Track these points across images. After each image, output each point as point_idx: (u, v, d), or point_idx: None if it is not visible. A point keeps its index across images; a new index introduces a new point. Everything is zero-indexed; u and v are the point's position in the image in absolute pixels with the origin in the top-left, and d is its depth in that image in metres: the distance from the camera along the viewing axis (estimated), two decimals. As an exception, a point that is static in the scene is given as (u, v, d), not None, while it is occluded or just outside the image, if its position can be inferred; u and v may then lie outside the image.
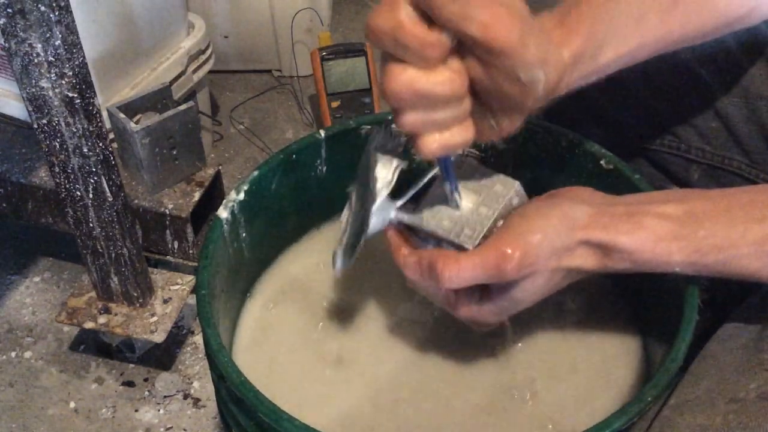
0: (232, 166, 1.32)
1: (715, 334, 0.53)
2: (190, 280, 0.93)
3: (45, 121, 0.70)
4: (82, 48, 0.67)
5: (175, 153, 0.93)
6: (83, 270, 0.90)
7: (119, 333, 0.89)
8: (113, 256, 0.83)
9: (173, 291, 0.92)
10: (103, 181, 0.75)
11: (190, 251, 0.97)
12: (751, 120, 0.64)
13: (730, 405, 0.46)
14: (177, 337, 1.02)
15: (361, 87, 1.28)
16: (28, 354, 1.01)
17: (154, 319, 0.89)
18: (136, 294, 0.89)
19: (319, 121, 1.36)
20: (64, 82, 0.67)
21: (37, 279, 1.11)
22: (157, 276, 0.93)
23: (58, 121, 0.70)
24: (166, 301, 0.91)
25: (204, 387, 0.97)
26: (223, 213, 0.56)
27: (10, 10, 0.62)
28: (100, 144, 0.73)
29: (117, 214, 0.79)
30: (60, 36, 0.64)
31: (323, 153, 0.63)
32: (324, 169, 0.64)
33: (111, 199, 0.77)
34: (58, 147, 0.72)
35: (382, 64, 0.43)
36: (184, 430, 0.92)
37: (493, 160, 0.66)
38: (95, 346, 1.01)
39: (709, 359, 0.51)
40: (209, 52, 1.17)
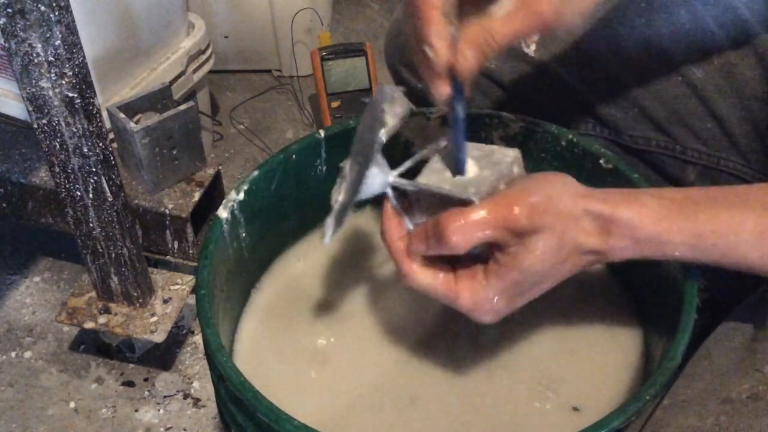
0: (232, 166, 1.32)
1: (710, 335, 0.53)
2: (190, 280, 0.93)
3: (45, 121, 0.70)
4: (82, 48, 0.67)
5: (175, 153, 0.93)
6: (83, 270, 0.90)
7: (119, 333, 0.89)
8: (113, 256, 0.83)
9: (173, 291, 0.92)
10: (103, 181, 0.75)
11: (190, 251, 0.97)
12: (746, 120, 0.64)
13: (722, 406, 0.47)
14: (177, 337, 1.02)
15: (361, 87, 1.28)
16: (28, 354, 1.01)
17: (154, 319, 0.89)
18: (136, 294, 0.89)
19: (319, 121, 1.36)
20: (64, 82, 0.67)
21: (37, 279, 1.11)
22: (157, 276, 0.93)
23: (58, 121, 0.70)
24: (166, 301, 0.91)
25: (204, 387, 0.97)
26: (223, 213, 0.56)
27: (10, 10, 0.62)
28: (100, 144, 0.73)
29: (117, 214, 0.79)
30: (60, 36, 0.64)
31: (323, 153, 0.63)
32: (324, 169, 0.64)
33: (111, 199, 0.77)
34: (58, 147, 0.72)
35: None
36: (184, 430, 0.92)
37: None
38: (95, 346, 1.01)
39: (703, 360, 0.51)
40: (209, 52, 1.17)
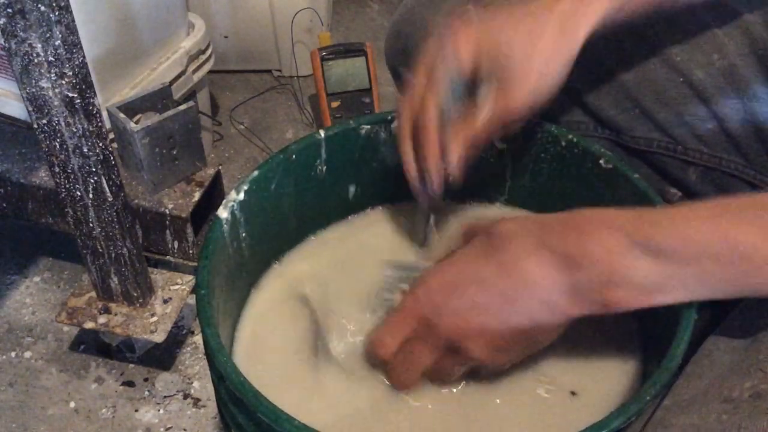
0: (232, 166, 1.32)
1: (711, 334, 0.53)
2: (190, 280, 0.93)
3: (45, 121, 0.70)
4: (82, 48, 0.67)
5: (175, 153, 0.93)
6: (83, 270, 0.90)
7: (119, 333, 0.89)
8: (113, 256, 0.83)
9: (173, 291, 0.92)
10: (103, 181, 0.75)
11: (190, 251, 0.97)
12: (747, 121, 0.64)
13: (724, 405, 0.47)
14: (177, 337, 1.02)
15: (361, 87, 1.28)
16: (28, 354, 1.01)
17: (154, 319, 0.89)
18: (136, 294, 0.89)
19: (319, 121, 1.36)
20: (64, 82, 0.67)
21: (37, 279, 1.11)
22: (157, 276, 0.93)
23: (58, 121, 0.70)
24: (166, 301, 0.91)
25: (204, 387, 0.97)
26: (223, 213, 0.56)
27: (10, 10, 0.62)
28: (100, 144, 0.73)
29: (117, 214, 0.79)
30: (60, 36, 0.64)
31: (323, 153, 0.63)
32: (324, 169, 0.64)
33: (111, 199, 0.77)
34: (58, 147, 0.72)
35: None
36: (184, 430, 0.92)
37: (492, 161, 0.66)
38: (95, 346, 1.01)
39: (704, 360, 0.51)
40: (209, 52, 1.17)
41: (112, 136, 0.93)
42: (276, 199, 0.61)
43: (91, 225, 0.80)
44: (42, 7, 0.62)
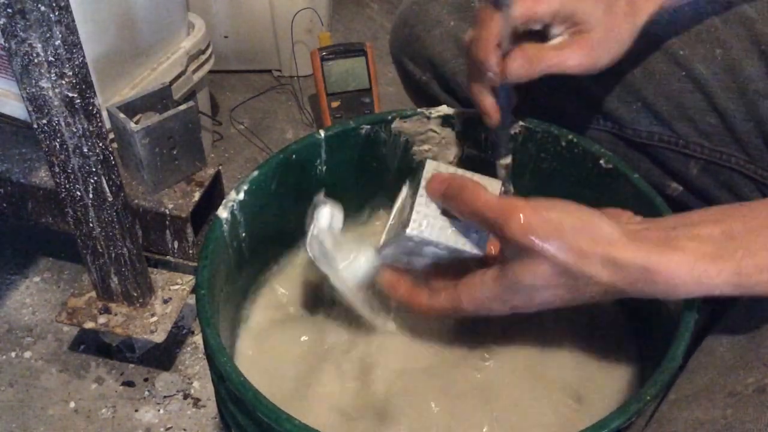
0: (232, 166, 1.32)
1: (713, 328, 0.53)
2: (190, 280, 0.93)
3: (45, 121, 0.70)
4: (82, 48, 0.67)
5: (175, 153, 0.93)
6: (83, 270, 0.90)
7: (119, 333, 0.89)
8: (113, 256, 0.83)
9: (173, 291, 0.92)
10: (103, 181, 0.75)
11: (190, 251, 0.97)
12: (749, 116, 0.64)
13: (728, 399, 0.47)
14: (177, 337, 1.02)
15: (361, 87, 1.28)
16: (28, 354, 1.01)
17: (154, 319, 0.89)
18: (136, 294, 0.89)
19: (319, 121, 1.36)
20: (64, 82, 0.67)
21: (37, 279, 1.11)
22: (157, 276, 0.93)
23: (58, 121, 0.70)
24: (166, 301, 0.91)
25: (204, 387, 0.97)
26: (223, 213, 0.56)
27: (10, 10, 0.62)
28: (100, 144, 0.73)
29: (117, 214, 0.79)
30: (60, 36, 0.64)
31: (323, 153, 0.63)
32: (324, 169, 0.64)
33: (111, 199, 0.77)
34: (58, 147, 0.72)
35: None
36: (184, 430, 0.92)
37: (492, 160, 0.66)
38: (95, 346, 1.01)
39: (707, 354, 0.51)
40: (209, 52, 1.17)
41: (112, 136, 0.92)
42: (276, 199, 0.61)
43: (91, 225, 0.80)
44: (42, 7, 0.62)
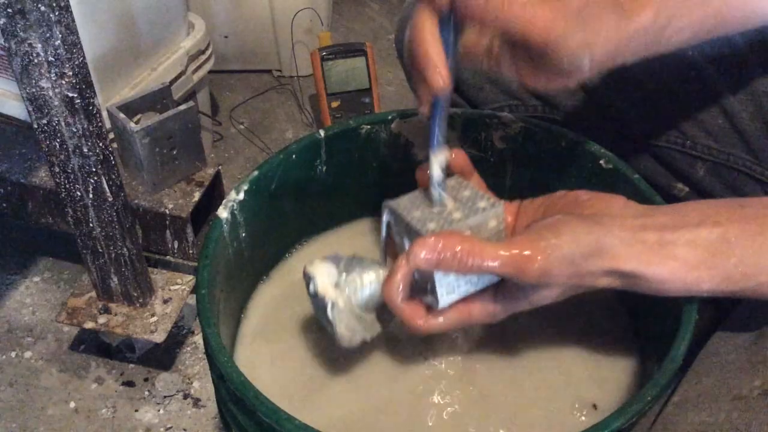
0: (232, 166, 1.32)
1: (717, 331, 0.53)
2: (190, 280, 0.93)
3: (45, 121, 0.70)
4: (82, 48, 0.67)
5: (175, 153, 0.93)
6: (83, 270, 0.90)
7: (119, 333, 0.89)
8: (113, 256, 0.83)
9: (173, 291, 0.92)
10: (103, 181, 0.75)
11: (190, 251, 0.97)
12: (756, 117, 0.64)
13: (734, 402, 0.47)
14: (177, 337, 1.02)
15: (361, 87, 1.28)
16: (28, 354, 1.01)
17: (154, 319, 0.89)
18: (136, 294, 0.89)
19: (319, 121, 1.36)
20: (64, 82, 0.67)
21: (37, 279, 1.11)
22: (157, 276, 0.93)
23: (58, 121, 0.70)
24: (166, 301, 0.91)
25: (204, 387, 0.97)
26: (223, 213, 0.56)
27: (10, 10, 0.62)
28: (100, 144, 0.73)
29: (117, 214, 0.79)
30: (60, 36, 0.64)
31: (323, 153, 0.63)
32: (324, 169, 0.64)
33: (111, 199, 0.77)
34: (58, 147, 0.72)
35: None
36: (184, 430, 0.92)
37: (492, 160, 0.66)
38: (95, 346, 1.01)
39: (711, 357, 0.51)
40: (209, 52, 1.17)
41: (112, 136, 0.93)
42: (276, 199, 0.61)
43: (91, 225, 0.80)
44: (42, 7, 0.62)
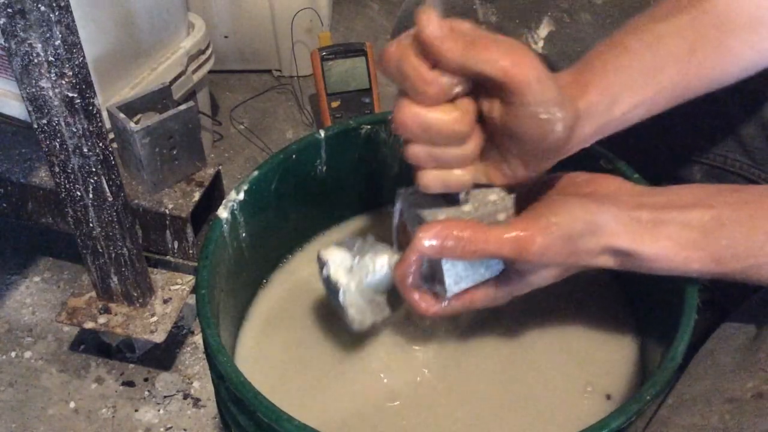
0: (232, 166, 1.32)
1: (712, 334, 0.53)
2: (190, 280, 0.93)
3: (45, 121, 0.70)
4: (82, 48, 0.67)
5: (175, 153, 0.93)
6: (83, 270, 0.90)
7: (119, 333, 0.89)
8: (113, 256, 0.83)
9: (173, 291, 0.92)
10: (103, 181, 0.75)
11: (190, 251, 0.97)
12: (753, 121, 0.64)
13: (727, 405, 0.47)
14: (177, 337, 1.02)
15: (361, 87, 1.28)
16: (28, 354, 1.01)
17: (154, 319, 0.89)
18: (136, 294, 0.89)
19: (319, 121, 1.36)
20: (64, 82, 0.67)
21: (37, 279, 1.11)
22: (157, 276, 0.93)
23: (58, 121, 0.70)
24: (166, 301, 0.91)
25: (204, 387, 0.97)
26: (223, 213, 0.56)
27: (10, 10, 0.62)
28: (100, 144, 0.73)
29: (117, 214, 0.79)
30: (60, 36, 0.64)
31: (323, 153, 0.63)
32: (324, 169, 0.64)
33: (111, 199, 0.77)
34: (58, 147, 0.72)
35: (397, 96, 0.45)
36: (184, 430, 0.92)
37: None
38: (95, 346, 1.01)
39: (706, 359, 0.51)
40: (209, 52, 1.17)
41: (112, 136, 0.93)
42: (276, 199, 0.61)
43: (91, 225, 0.80)
44: (42, 7, 0.62)
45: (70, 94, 0.68)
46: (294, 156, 0.61)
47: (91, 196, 0.77)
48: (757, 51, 0.53)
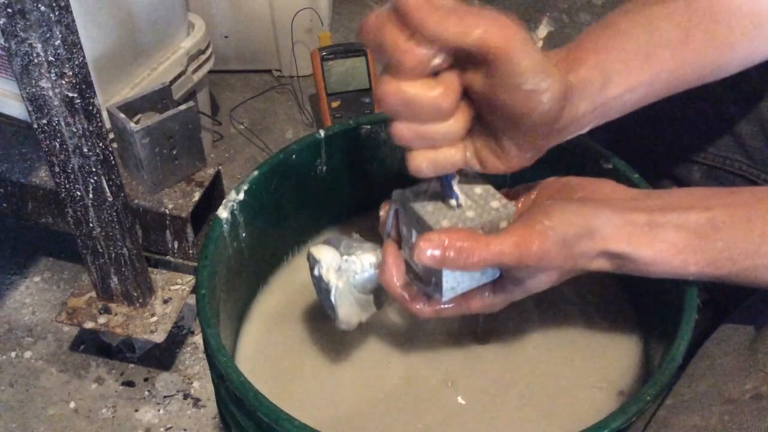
0: (232, 166, 1.32)
1: (712, 335, 0.53)
2: (190, 280, 0.93)
3: (45, 121, 0.70)
4: (82, 48, 0.67)
5: (175, 153, 0.93)
6: (83, 270, 0.90)
7: (119, 333, 0.89)
8: (113, 256, 0.83)
9: (173, 291, 0.92)
10: (103, 181, 0.75)
11: (190, 251, 0.97)
12: (752, 120, 0.64)
13: (726, 406, 0.47)
14: (177, 337, 1.02)
15: (361, 87, 1.28)
16: (28, 354, 1.01)
17: (154, 319, 0.89)
18: (136, 294, 0.89)
19: (319, 121, 1.36)
20: (64, 82, 0.67)
21: (37, 279, 1.11)
22: (157, 276, 0.93)
23: (58, 121, 0.70)
24: (166, 301, 0.91)
25: (204, 387, 0.97)
26: (223, 213, 0.56)
27: (10, 10, 0.62)
28: (100, 144, 0.73)
29: (117, 214, 0.79)
30: (60, 36, 0.64)
31: (323, 153, 0.63)
32: (324, 169, 0.64)
33: (111, 199, 0.77)
34: (58, 147, 0.72)
35: (380, 74, 0.44)
36: (184, 430, 0.92)
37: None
38: (95, 346, 1.01)
39: (705, 360, 0.51)
40: (209, 52, 1.17)
41: (112, 136, 0.93)
42: (276, 199, 0.61)
43: (91, 225, 0.80)
44: (42, 7, 0.62)
45: (70, 94, 0.68)
46: (294, 156, 0.61)
47: (91, 196, 0.77)
48: (751, 41, 0.52)
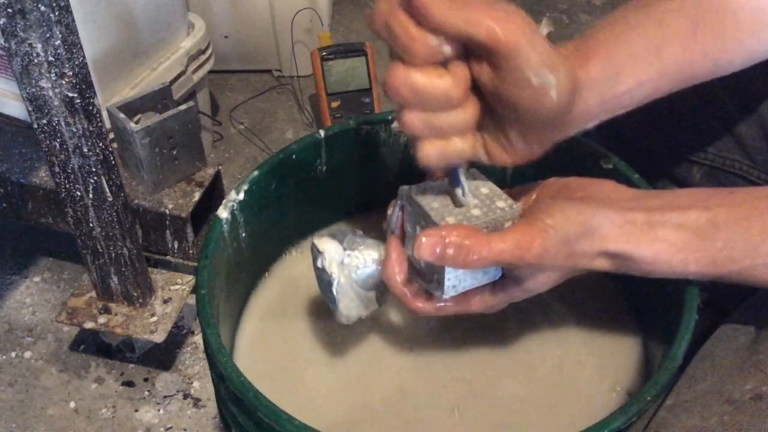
0: (232, 166, 1.32)
1: (712, 335, 0.53)
2: (190, 280, 0.93)
3: (45, 121, 0.70)
4: (82, 48, 0.67)
5: (175, 153, 0.93)
6: (83, 270, 0.90)
7: (119, 333, 0.89)
8: (113, 256, 0.83)
9: (173, 291, 0.92)
10: (103, 181, 0.75)
11: (190, 251, 0.97)
12: (752, 121, 0.64)
13: (726, 406, 0.47)
14: (177, 337, 1.02)
15: (361, 87, 1.28)
16: (28, 354, 1.01)
17: (154, 319, 0.89)
18: (136, 294, 0.89)
19: (319, 121, 1.36)
20: (64, 82, 0.67)
21: (37, 279, 1.11)
22: (157, 276, 0.93)
23: (58, 121, 0.70)
24: (166, 301, 0.91)
25: (204, 387, 0.97)
26: (223, 213, 0.56)
27: (10, 10, 0.62)
28: (100, 144, 0.73)
29: (117, 214, 0.79)
30: (60, 36, 0.64)
31: (323, 153, 0.63)
32: (324, 169, 0.64)
33: (111, 199, 0.77)
34: (58, 147, 0.72)
35: (389, 62, 0.44)
36: (184, 430, 0.92)
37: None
38: (95, 346, 1.01)
39: (705, 360, 0.51)
40: (209, 52, 1.17)
41: (112, 136, 0.93)
42: (276, 199, 0.61)
43: (91, 225, 0.80)
44: (42, 7, 0.62)
45: (70, 94, 0.68)
46: (294, 156, 0.61)
47: (91, 196, 0.77)
48: (759, 37, 0.52)
